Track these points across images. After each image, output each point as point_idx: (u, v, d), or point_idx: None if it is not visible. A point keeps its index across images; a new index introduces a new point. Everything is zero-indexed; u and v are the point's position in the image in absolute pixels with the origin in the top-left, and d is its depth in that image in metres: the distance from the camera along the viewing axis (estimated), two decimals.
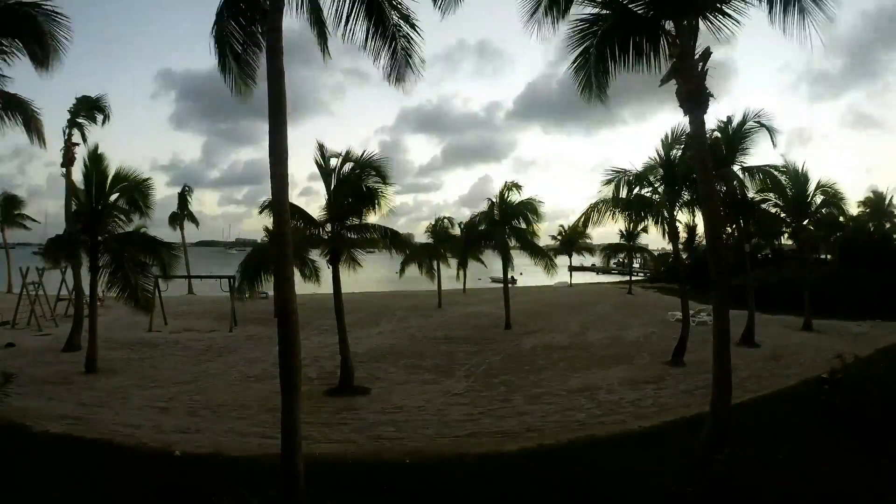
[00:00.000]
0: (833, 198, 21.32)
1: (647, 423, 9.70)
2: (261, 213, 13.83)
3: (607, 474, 7.33)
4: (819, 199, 21.34)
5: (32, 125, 12.60)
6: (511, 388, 12.57)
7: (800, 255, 23.64)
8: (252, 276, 15.78)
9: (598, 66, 8.04)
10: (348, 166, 12.76)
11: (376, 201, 12.61)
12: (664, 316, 24.34)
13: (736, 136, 17.08)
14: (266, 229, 14.09)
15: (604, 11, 8.04)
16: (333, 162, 12.83)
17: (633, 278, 49.37)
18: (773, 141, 17.00)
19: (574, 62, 8.27)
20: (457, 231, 32.35)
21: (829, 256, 33.51)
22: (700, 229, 21.93)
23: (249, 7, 7.27)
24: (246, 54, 7.54)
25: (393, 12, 7.40)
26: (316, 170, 12.87)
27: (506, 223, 22.53)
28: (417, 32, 7.52)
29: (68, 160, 17.33)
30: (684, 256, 28.47)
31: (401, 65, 7.63)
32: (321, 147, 12.92)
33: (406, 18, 7.47)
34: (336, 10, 7.36)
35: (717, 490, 6.00)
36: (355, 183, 12.58)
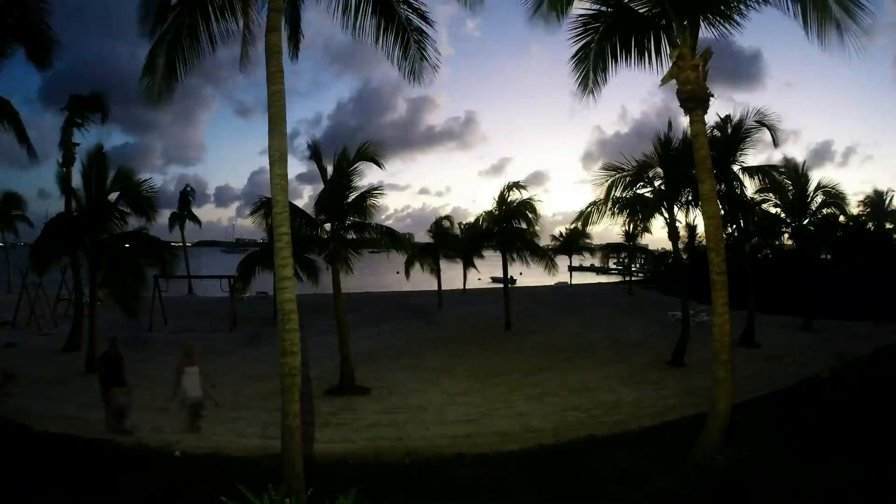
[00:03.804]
0: (833, 197, 21.28)
1: (647, 423, 9.70)
2: (253, 213, 13.52)
3: (607, 474, 7.33)
4: (819, 198, 21.31)
5: (24, 138, 12.60)
6: (511, 388, 12.56)
7: (800, 255, 23.59)
8: (250, 275, 15.71)
9: (597, 62, 8.07)
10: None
11: (370, 195, 12.64)
12: (664, 316, 24.32)
13: (736, 136, 17.05)
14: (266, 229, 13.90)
15: (605, 9, 8.05)
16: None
17: (633, 278, 49.35)
18: (774, 141, 16.96)
19: (574, 55, 8.32)
20: (457, 231, 32.28)
21: (829, 256, 33.48)
22: (700, 229, 21.90)
23: None
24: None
25: (402, 5, 7.35)
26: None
27: (506, 223, 22.48)
28: (430, 24, 7.45)
29: (68, 160, 17.31)
30: (684, 256, 28.44)
31: (415, 59, 7.56)
32: (316, 144, 12.95)
33: (416, 11, 7.40)
34: (343, 7, 7.33)
35: (717, 490, 6.00)
36: (349, 176, 12.57)
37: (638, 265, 57.08)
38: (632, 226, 17.01)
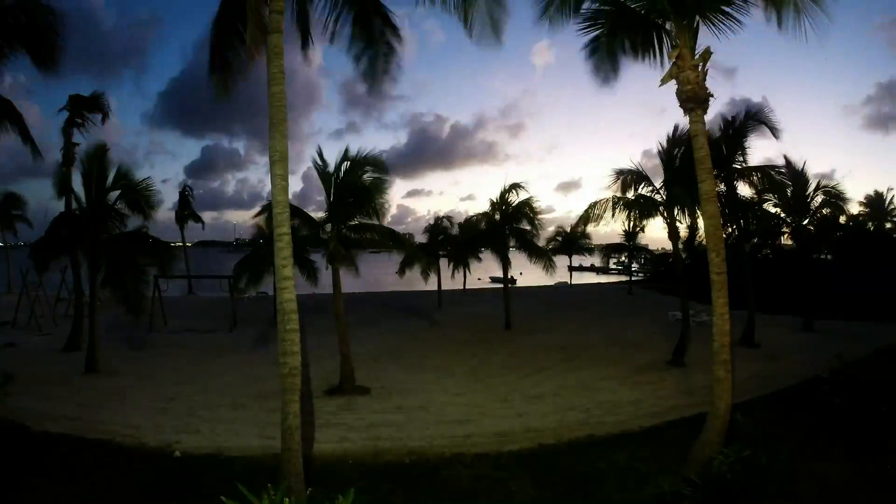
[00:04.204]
0: (833, 197, 21.27)
1: (646, 423, 9.71)
2: (258, 216, 13.68)
3: (607, 474, 7.34)
4: (819, 198, 21.30)
5: (27, 138, 12.67)
6: (511, 387, 12.57)
7: (800, 255, 23.60)
8: (250, 274, 15.67)
9: (608, 54, 8.22)
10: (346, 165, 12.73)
11: (375, 197, 12.63)
12: (664, 316, 24.32)
13: (736, 136, 17.06)
14: (262, 228, 13.86)
15: (606, 7, 8.10)
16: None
17: (633, 278, 49.38)
18: (774, 134, 16.98)
19: (586, 45, 8.51)
20: (456, 231, 32.15)
21: (829, 256, 33.44)
22: (700, 229, 21.85)
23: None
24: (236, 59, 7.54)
25: (377, 19, 7.62)
26: None
27: (506, 223, 22.45)
28: (400, 43, 7.78)
29: (69, 160, 17.32)
30: (684, 256, 28.36)
31: (378, 72, 7.83)
32: (318, 151, 12.96)
33: (390, 26, 7.72)
34: (325, 13, 7.54)
35: (717, 490, 6.01)
36: (353, 181, 12.56)
37: (638, 265, 57.20)
38: (632, 225, 17.07)
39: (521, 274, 46.07)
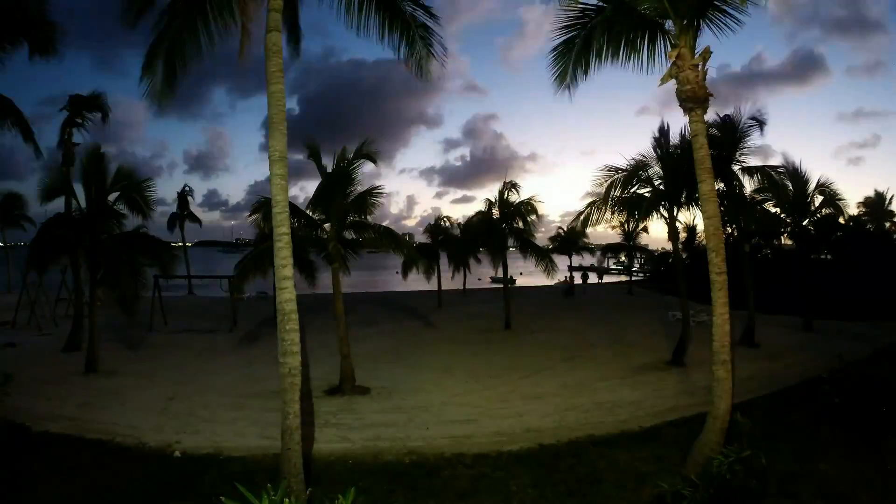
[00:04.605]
0: (833, 197, 21.26)
1: (647, 422, 9.70)
2: (252, 214, 13.60)
3: (607, 474, 7.34)
4: (819, 198, 21.28)
5: (29, 137, 12.63)
6: (511, 388, 12.56)
7: (800, 255, 23.60)
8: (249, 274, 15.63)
9: (578, 59, 8.05)
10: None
11: (368, 200, 12.64)
12: (664, 316, 24.31)
13: (736, 135, 17.04)
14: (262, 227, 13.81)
15: (601, 4, 8.02)
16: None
17: (633, 278, 49.36)
18: (760, 127, 17.02)
19: (555, 49, 8.29)
20: (456, 231, 32.13)
21: (829, 256, 33.41)
22: (700, 229, 21.81)
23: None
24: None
25: (406, 2, 7.39)
26: None
27: (504, 223, 22.44)
28: (435, 20, 7.52)
29: (68, 160, 17.32)
30: (684, 256, 28.36)
31: (421, 56, 7.61)
32: (314, 143, 12.91)
33: (420, 6, 7.44)
34: (347, 2, 7.34)
35: (717, 490, 6.00)
36: (348, 174, 12.55)
37: (638, 265, 57.18)
38: (631, 225, 17.06)
39: (521, 274, 46.09)
